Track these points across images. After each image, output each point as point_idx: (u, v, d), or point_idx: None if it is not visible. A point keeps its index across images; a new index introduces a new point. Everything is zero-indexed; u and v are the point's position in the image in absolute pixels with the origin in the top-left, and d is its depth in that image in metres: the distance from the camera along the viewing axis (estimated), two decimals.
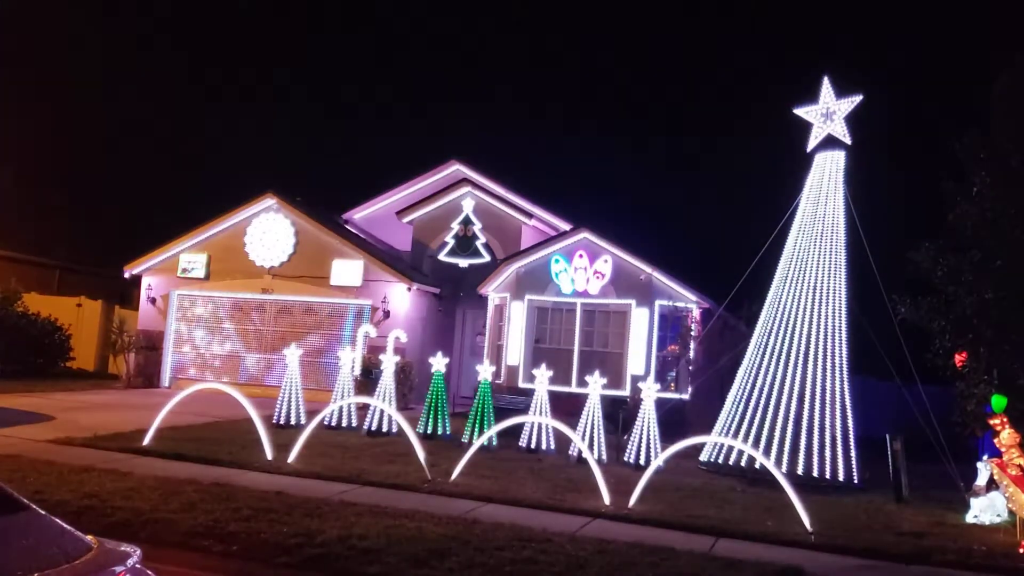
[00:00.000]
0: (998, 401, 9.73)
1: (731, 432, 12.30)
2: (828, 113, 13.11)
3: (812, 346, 12.38)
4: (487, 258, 20.43)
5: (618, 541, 7.66)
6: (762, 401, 12.28)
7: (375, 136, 49.99)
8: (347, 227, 22.92)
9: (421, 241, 21.57)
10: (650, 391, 12.25)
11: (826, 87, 13.16)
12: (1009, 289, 11.61)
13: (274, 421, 13.72)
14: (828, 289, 12.66)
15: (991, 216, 11.89)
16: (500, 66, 54.89)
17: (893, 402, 14.78)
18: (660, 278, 18.07)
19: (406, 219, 21.62)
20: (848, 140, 13.01)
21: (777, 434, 11.87)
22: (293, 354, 14.51)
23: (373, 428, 13.70)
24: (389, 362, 14.03)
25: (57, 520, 3.90)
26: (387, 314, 19.27)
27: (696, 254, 26.77)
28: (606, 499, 9.29)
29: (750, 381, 12.65)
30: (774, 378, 12.37)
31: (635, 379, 16.76)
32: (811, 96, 13.31)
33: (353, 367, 14.81)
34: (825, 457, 11.66)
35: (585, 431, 12.30)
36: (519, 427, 12.80)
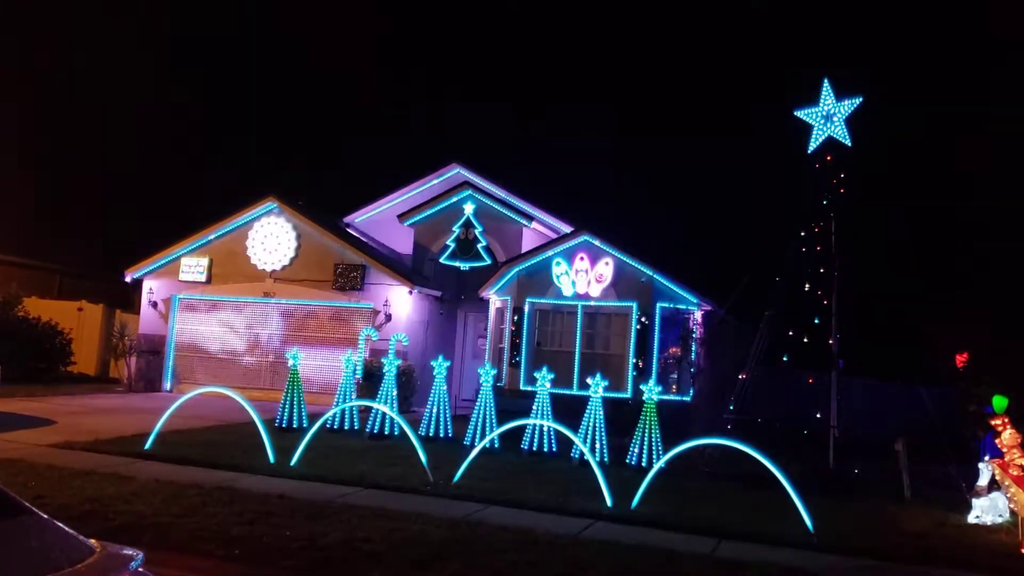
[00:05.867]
0: (999, 402, 9.72)
1: (733, 432, 12.28)
2: (828, 115, 13.14)
3: (812, 347, 12.39)
4: (488, 261, 20.42)
5: (621, 543, 7.66)
6: (765, 402, 12.28)
7: (376, 139, 50.08)
8: (349, 230, 22.93)
9: (422, 244, 21.57)
10: (652, 393, 12.24)
11: (826, 89, 13.19)
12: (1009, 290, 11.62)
13: (276, 424, 13.72)
14: (829, 289, 12.67)
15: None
16: (501, 67, 54.99)
17: (895, 403, 14.79)
18: (661, 280, 18.04)
19: (407, 222, 21.61)
20: (848, 142, 13.04)
21: (779, 435, 11.87)
22: (295, 357, 14.54)
23: (375, 431, 13.71)
24: (391, 365, 14.04)
25: (59, 524, 3.90)
26: (389, 317, 19.27)
27: (698, 256, 26.78)
28: (608, 501, 9.29)
29: (752, 382, 12.64)
30: (776, 379, 12.38)
31: (637, 381, 16.75)
32: (812, 98, 13.34)
33: (355, 370, 14.83)
34: (827, 458, 11.66)
35: (587, 433, 12.29)
36: (521, 430, 12.79)
